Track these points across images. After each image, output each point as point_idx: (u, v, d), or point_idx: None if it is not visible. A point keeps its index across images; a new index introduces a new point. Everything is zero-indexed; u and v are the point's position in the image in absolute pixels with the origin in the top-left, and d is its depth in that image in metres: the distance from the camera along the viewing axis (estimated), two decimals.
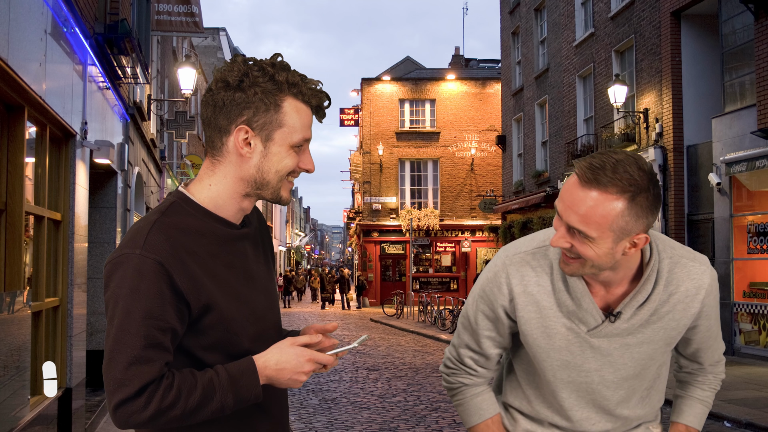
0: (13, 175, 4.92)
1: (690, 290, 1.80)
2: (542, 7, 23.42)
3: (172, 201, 1.68)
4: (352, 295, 33.85)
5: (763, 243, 12.64)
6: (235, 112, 1.64)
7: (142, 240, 1.57)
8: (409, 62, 45.93)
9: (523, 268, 1.83)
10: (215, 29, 39.96)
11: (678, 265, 1.81)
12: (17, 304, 5.14)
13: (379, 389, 10.42)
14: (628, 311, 1.75)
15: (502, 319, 1.88)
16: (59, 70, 5.97)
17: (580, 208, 1.62)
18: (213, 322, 1.62)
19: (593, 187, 1.60)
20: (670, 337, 1.82)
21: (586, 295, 1.76)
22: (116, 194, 9.26)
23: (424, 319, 23.52)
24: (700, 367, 2.02)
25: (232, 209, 1.71)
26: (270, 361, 1.63)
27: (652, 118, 15.99)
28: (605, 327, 1.77)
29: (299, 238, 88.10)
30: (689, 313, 1.81)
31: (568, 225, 1.65)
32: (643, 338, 1.79)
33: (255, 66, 1.64)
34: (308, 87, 1.68)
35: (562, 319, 1.79)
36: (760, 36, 11.92)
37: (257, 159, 1.66)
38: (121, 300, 1.53)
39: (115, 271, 1.56)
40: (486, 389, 2.01)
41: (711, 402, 2.03)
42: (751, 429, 7.67)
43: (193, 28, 13.72)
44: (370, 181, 33.43)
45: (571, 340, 1.79)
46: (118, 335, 1.52)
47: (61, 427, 6.19)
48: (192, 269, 1.59)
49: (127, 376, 1.50)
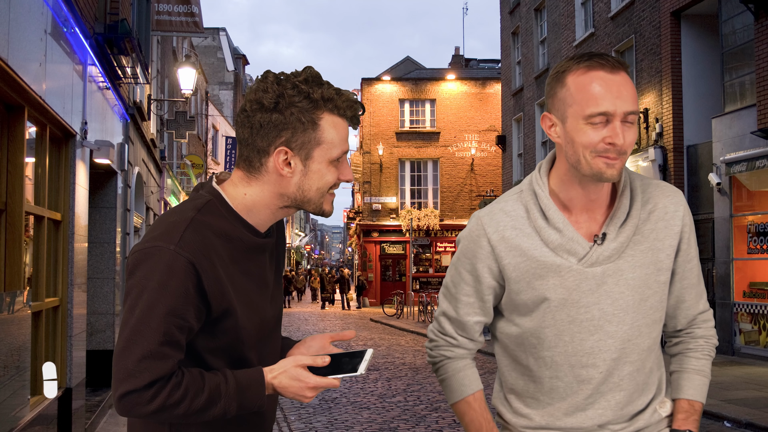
0: (13, 175, 4.92)
1: (668, 207, 1.84)
2: (542, 7, 23.42)
3: (208, 199, 1.67)
4: (352, 295, 33.85)
5: (763, 243, 12.64)
6: (273, 134, 1.63)
7: (177, 236, 1.56)
8: (409, 62, 45.94)
9: (497, 216, 1.85)
10: (215, 29, 39.97)
11: (650, 186, 1.88)
12: (17, 304, 5.14)
13: (379, 389, 10.42)
14: (612, 230, 1.78)
15: (484, 278, 1.86)
16: (59, 70, 5.97)
17: (628, 90, 1.71)
18: (227, 327, 1.63)
19: (621, 70, 1.72)
20: (659, 261, 1.81)
21: (567, 224, 1.79)
22: (116, 194, 9.26)
23: (424, 319, 23.52)
24: (687, 332, 1.94)
25: (265, 218, 1.72)
26: (275, 380, 1.65)
27: (652, 118, 15.99)
28: (594, 252, 1.77)
29: (299, 238, 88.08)
30: (672, 232, 1.83)
31: (627, 113, 1.70)
32: (633, 262, 1.78)
33: (288, 84, 1.63)
34: (343, 100, 1.67)
35: (550, 255, 1.78)
36: (760, 36, 11.92)
37: (298, 178, 1.67)
38: (146, 292, 1.53)
39: (144, 261, 1.55)
40: (468, 364, 1.97)
41: (708, 371, 1.93)
42: (751, 429, 7.67)
43: (193, 28, 13.73)
44: (370, 181, 33.44)
45: (564, 275, 1.78)
46: (137, 326, 1.52)
47: (61, 427, 6.19)
48: (218, 273, 1.59)
49: (139, 369, 1.50)
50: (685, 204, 1.89)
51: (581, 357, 1.80)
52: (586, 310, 1.79)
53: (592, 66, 1.71)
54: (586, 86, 1.70)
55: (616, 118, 1.69)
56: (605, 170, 1.72)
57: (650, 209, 1.83)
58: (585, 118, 1.70)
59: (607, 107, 1.68)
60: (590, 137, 1.71)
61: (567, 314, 1.80)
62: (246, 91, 1.69)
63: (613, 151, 1.70)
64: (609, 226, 1.78)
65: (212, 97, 38.06)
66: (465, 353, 1.97)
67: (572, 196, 1.82)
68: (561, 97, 1.76)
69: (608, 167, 1.72)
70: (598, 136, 1.70)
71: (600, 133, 1.70)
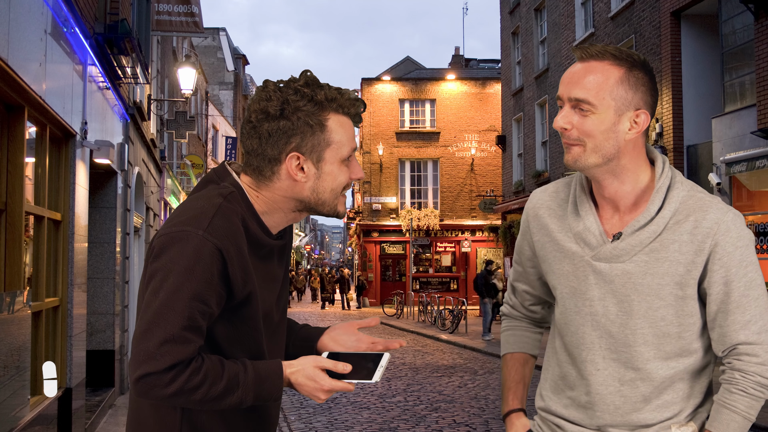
0: (13, 175, 4.92)
1: (701, 222, 1.70)
2: (542, 7, 23.42)
3: (231, 190, 1.69)
4: (352, 295, 33.85)
5: (763, 243, 12.64)
6: (283, 141, 1.65)
7: (206, 222, 1.58)
8: (409, 62, 45.93)
9: (542, 194, 1.93)
10: (215, 29, 39.96)
11: (693, 198, 1.74)
12: (17, 304, 5.14)
13: (379, 389, 10.42)
14: (629, 231, 1.75)
15: (524, 250, 1.98)
16: (59, 70, 5.97)
17: (582, 77, 1.71)
18: (247, 315, 1.66)
19: (591, 59, 1.71)
20: (678, 275, 1.71)
21: (590, 213, 1.80)
22: (116, 194, 9.26)
23: (424, 319, 23.52)
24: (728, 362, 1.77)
25: (279, 221, 1.75)
26: (293, 376, 1.67)
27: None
28: (605, 247, 1.76)
29: (299, 238, 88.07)
30: (697, 248, 1.70)
31: (571, 99, 1.71)
32: (646, 269, 1.73)
33: (290, 90, 1.65)
34: (345, 98, 1.70)
35: (569, 242, 1.82)
36: (760, 36, 11.92)
37: (312, 182, 1.69)
38: (172, 275, 1.54)
39: (171, 245, 1.56)
40: (518, 326, 2.07)
41: (740, 407, 1.74)
42: (751, 429, 7.66)
43: (193, 28, 13.72)
44: (370, 181, 33.43)
45: (576, 264, 1.80)
46: (161, 310, 1.53)
47: (61, 427, 6.19)
48: (244, 260, 1.62)
49: (160, 352, 1.51)
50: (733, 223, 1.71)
51: (582, 350, 1.82)
52: (591, 303, 1.80)
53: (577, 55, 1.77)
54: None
55: (564, 102, 1.75)
56: (565, 154, 1.77)
57: (680, 219, 1.73)
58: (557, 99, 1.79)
59: (560, 91, 1.75)
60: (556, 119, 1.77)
61: (575, 304, 1.83)
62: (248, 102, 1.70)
63: (564, 135, 1.74)
64: (627, 227, 1.76)
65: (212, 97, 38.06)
66: (519, 315, 2.08)
67: (596, 190, 1.83)
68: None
69: (565, 152, 1.77)
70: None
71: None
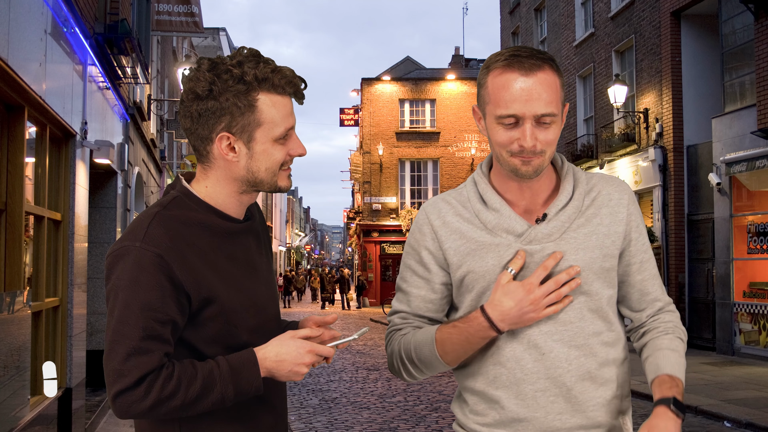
0: (13, 175, 4.92)
1: (612, 194, 1.85)
2: (542, 7, 23.42)
3: (174, 195, 1.70)
4: (352, 295, 33.85)
5: (763, 243, 12.64)
6: (212, 121, 1.64)
7: (142, 233, 1.58)
8: (409, 62, 45.93)
9: (439, 204, 1.89)
10: (215, 29, 39.91)
11: (594, 176, 1.90)
12: (17, 304, 5.14)
13: (379, 389, 10.42)
14: (553, 211, 1.79)
15: (430, 265, 1.85)
16: (59, 70, 5.97)
17: (540, 92, 1.68)
18: (213, 314, 1.63)
19: (537, 71, 1.69)
20: (605, 246, 1.79)
21: (504, 205, 1.80)
22: (116, 194, 9.26)
23: None
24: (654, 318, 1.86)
25: (233, 205, 1.73)
26: (270, 353, 1.64)
27: (652, 118, 15.99)
28: (535, 229, 1.77)
29: (299, 238, 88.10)
30: (617, 219, 1.82)
31: (537, 116, 1.68)
32: (576, 244, 1.77)
33: (221, 69, 1.62)
34: (279, 78, 1.65)
35: (488, 236, 1.80)
36: (760, 36, 11.92)
37: (245, 161, 1.67)
38: (120, 292, 1.55)
39: (115, 264, 1.58)
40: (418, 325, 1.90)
41: (683, 352, 1.82)
42: (751, 429, 7.67)
43: (193, 28, 13.72)
44: (370, 181, 33.43)
45: (502, 254, 1.78)
46: (117, 327, 1.54)
47: (61, 427, 6.19)
48: (192, 261, 1.60)
49: (126, 367, 1.51)
50: (631, 194, 1.89)
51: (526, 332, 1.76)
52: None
53: (509, 65, 1.70)
54: (499, 88, 1.71)
55: (526, 120, 1.69)
56: (520, 167, 1.74)
57: (594, 196, 1.84)
58: (497, 118, 1.72)
59: (516, 110, 1.69)
60: (502, 137, 1.73)
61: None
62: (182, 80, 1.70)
63: (526, 152, 1.71)
64: (550, 208, 1.79)
65: None
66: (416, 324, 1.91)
67: (509, 188, 1.83)
68: (482, 94, 1.78)
69: (523, 165, 1.74)
70: (509, 137, 1.72)
71: (511, 134, 1.72)
